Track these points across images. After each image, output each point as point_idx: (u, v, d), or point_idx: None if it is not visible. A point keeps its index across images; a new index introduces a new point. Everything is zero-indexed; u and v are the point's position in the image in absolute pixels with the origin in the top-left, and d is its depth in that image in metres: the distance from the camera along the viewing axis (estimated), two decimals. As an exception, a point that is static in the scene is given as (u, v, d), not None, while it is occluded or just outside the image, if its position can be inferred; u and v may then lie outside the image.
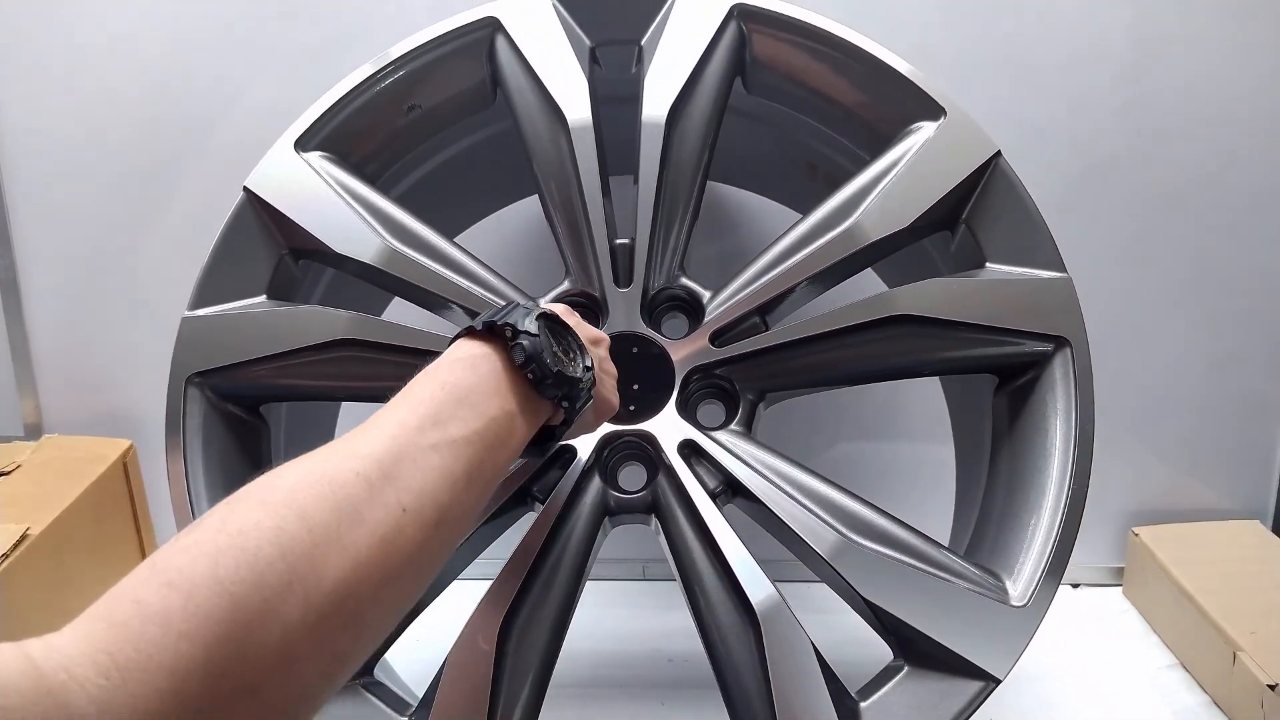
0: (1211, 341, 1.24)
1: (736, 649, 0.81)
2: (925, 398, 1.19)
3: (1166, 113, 1.16)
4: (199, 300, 0.89)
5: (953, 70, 1.15)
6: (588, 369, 0.70)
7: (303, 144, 0.91)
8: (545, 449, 0.71)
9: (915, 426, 1.27)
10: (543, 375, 0.65)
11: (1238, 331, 1.23)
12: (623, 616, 1.23)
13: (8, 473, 1.16)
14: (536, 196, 0.92)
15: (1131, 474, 1.27)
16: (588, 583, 0.85)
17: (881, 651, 0.84)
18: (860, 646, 0.86)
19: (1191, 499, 1.28)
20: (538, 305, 0.70)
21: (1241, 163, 1.18)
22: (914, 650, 0.82)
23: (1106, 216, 1.19)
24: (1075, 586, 1.29)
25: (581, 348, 0.71)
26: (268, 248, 0.90)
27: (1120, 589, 1.28)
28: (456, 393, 0.61)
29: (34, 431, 1.30)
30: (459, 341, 0.67)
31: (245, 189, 0.90)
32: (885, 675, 0.83)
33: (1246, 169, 1.18)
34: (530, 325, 0.66)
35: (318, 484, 0.52)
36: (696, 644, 0.84)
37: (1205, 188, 1.19)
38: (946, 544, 0.85)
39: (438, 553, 0.57)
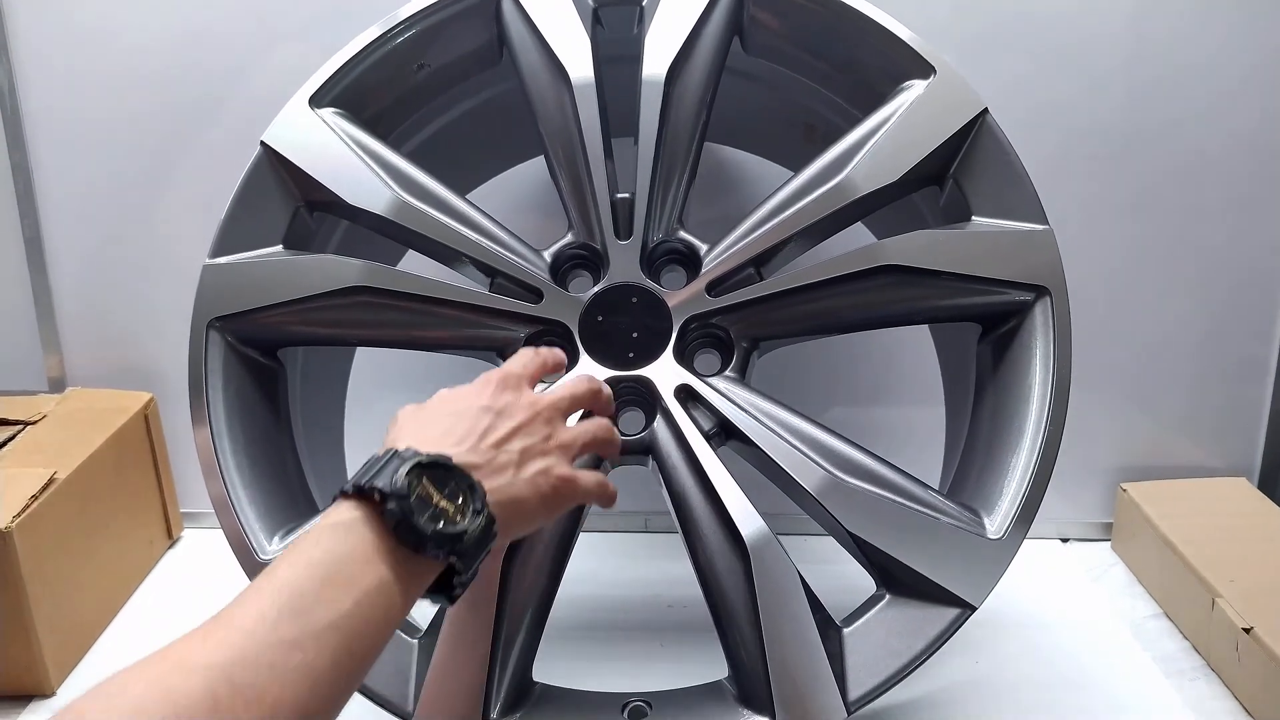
0: (1203, 304, 1.25)
1: (728, 579, 0.85)
2: (918, 364, 1.22)
3: (1169, 84, 1.18)
4: (219, 249, 0.92)
5: (961, 40, 1.17)
6: (478, 512, 0.64)
7: (317, 100, 0.93)
8: (451, 595, 0.65)
9: (908, 391, 1.29)
10: (419, 540, 0.61)
11: (1229, 294, 1.25)
12: (625, 566, 1.26)
13: (34, 422, 1.20)
14: (542, 157, 0.95)
15: (1121, 432, 1.29)
16: (595, 535, 0.87)
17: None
18: (859, 595, 0.88)
19: (1180, 457, 1.30)
20: (416, 453, 0.63)
21: (1240, 133, 1.19)
22: (895, 580, 0.85)
23: (1106, 179, 1.21)
24: (1065, 541, 1.31)
25: (472, 487, 0.64)
26: (284, 200, 0.93)
27: (1109, 544, 1.31)
28: (323, 570, 0.58)
29: (58, 386, 1.33)
30: (334, 504, 0.62)
31: (262, 143, 0.92)
32: (868, 604, 0.86)
33: (1245, 139, 1.20)
34: (399, 483, 0.60)
35: (160, 703, 0.49)
36: (696, 591, 0.87)
37: (1205, 156, 1.20)
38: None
39: None
